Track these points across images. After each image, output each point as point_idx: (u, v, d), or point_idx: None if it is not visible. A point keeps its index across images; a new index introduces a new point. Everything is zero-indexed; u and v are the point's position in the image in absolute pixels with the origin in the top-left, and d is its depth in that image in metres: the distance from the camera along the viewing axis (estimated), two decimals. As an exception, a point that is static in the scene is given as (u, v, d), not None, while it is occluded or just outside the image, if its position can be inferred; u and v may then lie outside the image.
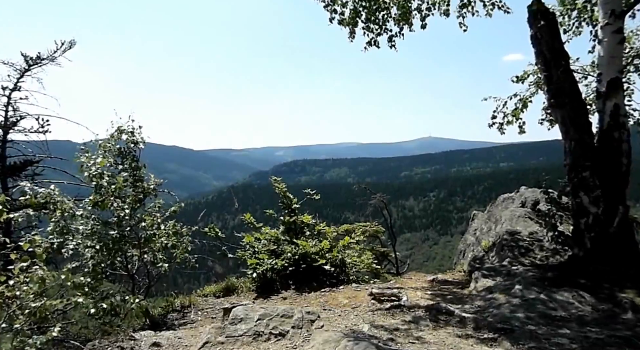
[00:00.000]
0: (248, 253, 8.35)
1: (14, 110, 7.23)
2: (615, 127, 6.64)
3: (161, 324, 6.32)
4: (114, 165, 7.14)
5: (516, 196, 10.46)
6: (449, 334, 5.09)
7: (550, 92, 6.95)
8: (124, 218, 6.69)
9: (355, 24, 9.33)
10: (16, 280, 4.05)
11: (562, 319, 5.34)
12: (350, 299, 6.86)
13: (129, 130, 7.38)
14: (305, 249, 8.18)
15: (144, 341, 5.20)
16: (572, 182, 6.83)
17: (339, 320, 5.77)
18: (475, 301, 6.40)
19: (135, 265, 7.41)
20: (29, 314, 4.01)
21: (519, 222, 8.88)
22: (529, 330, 4.94)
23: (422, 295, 7.04)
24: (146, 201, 7.34)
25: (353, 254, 9.00)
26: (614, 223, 6.46)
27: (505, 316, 5.44)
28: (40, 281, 4.06)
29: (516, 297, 5.99)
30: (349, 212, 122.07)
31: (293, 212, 9.24)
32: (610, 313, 5.48)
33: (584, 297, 5.78)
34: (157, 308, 7.05)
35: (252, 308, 5.57)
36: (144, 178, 7.32)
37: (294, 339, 4.97)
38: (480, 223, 10.74)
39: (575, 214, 6.87)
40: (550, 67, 6.84)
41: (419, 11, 9.28)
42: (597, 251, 6.48)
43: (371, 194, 19.11)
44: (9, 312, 3.96)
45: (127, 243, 6.77)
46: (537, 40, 6.95)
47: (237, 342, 4.95)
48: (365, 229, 15.51)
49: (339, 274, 8.28)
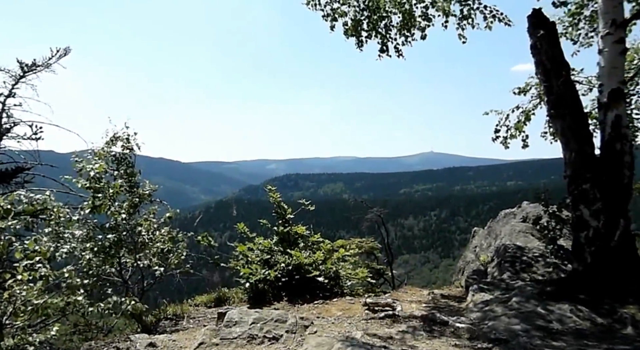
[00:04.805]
0: (241, 263, 8.60)
1: (7, 117, 7.53)
2: (617, 139, 6.72)
3: (153, 331, 6.60)
4: (110, 172, 7.57)
5: (518, 211, 10.60)
6: (443, 343, 5.29)
7: (551, 103, 7.10)
8: (121, 222, 7.07)
9: (360, 34, 9.58)
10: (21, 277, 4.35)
11: (559, 332, 5.48)
12: (344, 311, 7.08)
13: (124, 137, 7.85)
14: (298, 259, 8.40)
15: (139, 342, 5.47)
16: (572, 194, 6.90)
17: (332, 328, 6.04)
18: (471, 313, 6.58)
19: (129, 271, 7.75)
20: (31, 311, 4.31)
21: (520, 237, 9.03)
22: (524, 341, 5.15)
23: (417, 307, 7.25)
24: (140, 208, 7.74)
25: (347, 266, 9.24)
26: (615, 237, 6.48)
27: (500, 327, 5.64)
28: (44, 279, 4.37)
29: (513, 309, 6.14)
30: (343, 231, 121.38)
31: (287, 223, 9.49)
32: (610, 328, 5.57)
33: (583, 311, 5.86)
34: (148, 316, 7.34)
35: (247, 312, 5.84)
36: (139, 184, 7.75)
37: (287, 342, 5.24)
38: (480, 239, 10.92)
39: (575, 227, 6.92)
40: (551, 77, 7.00)
41: (423, 18, 9.43)
42: (597, 266, 6.51)
43: (368, 209, 19.29)
44: (15, 307, 4.24)
45: (123, 247, 7.13)
46: (537, 49, 7.13)
47: (231, 344, 5.21)
48: (360, 245, 15.69)
49: (333, 286, 8.50)
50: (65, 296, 4.88)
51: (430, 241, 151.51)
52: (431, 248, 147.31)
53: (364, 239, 16.24)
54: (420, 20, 9.45)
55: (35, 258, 4.54)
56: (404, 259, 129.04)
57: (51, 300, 4.50)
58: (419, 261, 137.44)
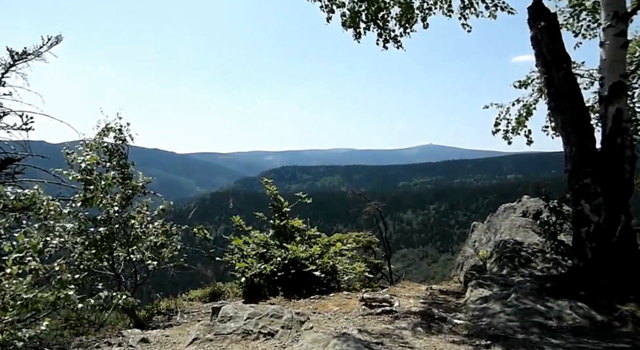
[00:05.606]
0: (236, 257, 8.61)
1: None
2: (617, 133, 6.76)
3: (146, 326, 6.61)
4: (102, 163, 7.56)
5: (518, 206, 10.56)
6: (440, 340, 5.33)
7: (551, 96, 7.11)
8: (113, 215, 7.07)
9: (358, 26, 9.58)
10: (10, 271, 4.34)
11: (558, 329, 5.53)
12: (340, 307, 7.11)
13: (116, 127, 7.82)
14: (295, 253, 8.42)
15: (131, 338, 5.49)
16: (572, 189, 6.93)
17: (329, 323, 6.07)
18: (469, 310, 6.63)
19: (121, 265, 7.75)
20: (21, 305, 4.30)
21: (519, 232, 9.02)
22: (523, 338, 5.19)
23: (414, 303, 7.27)
24: (134, 200, 7.73)
25: (345, 261, 9.25)
26: (616, 232, 6.52)
27: (499, 324, 5.68)
28: (34, 272, 4.37)
29: (511, 306, 6.18)
30: (340, 224, 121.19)
31: (283, 216, 9.50)
32: (609, 325, 5.60)
33: (582, 308, 5.89)
34: (141, 310, 7.36)
35: (242, 307, 5.87)
36: (132, 176, 7.73)
37: (282, 338, 5.27)
38: (479, 234, 10.91)
39: (575, 222, 6.95)
40: (551, 70, 7.03)
41: (421, 10, 9.48)
42: (598, 262, 6.55)
43: (366, 202, 19.27)
44: (3, 302, 4.24)
45: (115, 241, 7.12)
46: (537, 41, 7.16)
47: (225, 340, 5.24)
48: (358, 239, 15.68)
49: (330, 281, 8.53)
50: (56, 290, 4.87)
51: (428, 235, 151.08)
52: (430, 242, 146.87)
53: (361, 233, 16.20)
54: (418, 12, 9.46)
55: (25, 251, 4.53)
56: (402, 253, 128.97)
57: (41, 295, 4.49)
58: (417, 255, 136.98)
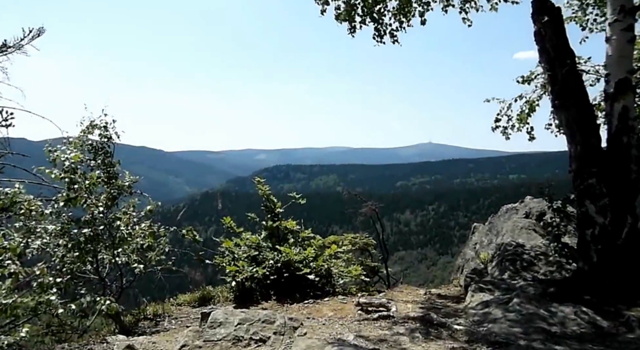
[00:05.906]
0: (227, 259, 8.56)
1: (-25, 102, 7.42)
2: (623, 131, 6.71)
3: (132, 332, 6.56)
4: (87, 162, 7.49)
5: (520, 206, 10.51)
6: (439, 346, 5.29)
7: (555, 93, 7.07)
8: (98, 216, 7.00)
9: (353, 20, 9.54)
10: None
11: (562, 335, 5.49)
12: (335, 312, 7.09)
13: (101, 125, 7.76)
14: (288, 256, 8.39)
15: (116, 344, 5.44)
16: (577, 189, 6.87)
17: (323, 329, 6.04)
18: (469, 315, 6.59)
19: (106, 268, 7.68)
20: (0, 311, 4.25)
21: (522, 233, 8.97)
22: (525, 345, 5.16)
23: (413, 308, 7.26)
24: (119, 201, 7.67)
25: (340, 263, 9.22)
26: (622, 234, 6.47)
27: (500, 330, 5.64)
28: (13, 276, 4.31)
29: (513, 311, 6.14)
30: (336, 225, 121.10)
31: (276, 217, 9.46)
32: (615, 331, 5.57)
33: (587, 313, 5.87)
34: (127, 316, 7.30)
35: (232, 312, 5.81)
36: (118, 175, 7.66)
37: (275, 345, 5.23)
38: (480, 236, 10.88)
39: (580, 224, 6.89)
40: (555, 66, 6.97)
41: (420, 3, 9.47)
42: (603, 265, 6.50)
43: (362, 202, 19.23)
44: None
45: (100, 243, 7.06)
46: (541, 36, 7.09)
47: (215, 347, 5.19)
48: (354, 241, 15.67)
49: (325, 284, 8.51)
50: (37, 295, 4.82)
51: (427, 237, 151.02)
52: (429, 244, 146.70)
53: (357, 235, 16.17)
54: (416, 6, 9.42)
55: (5, 254, 4.47)
56: (400, 255, 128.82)
57: (21, 300, 4.44)
58: (415, 258, 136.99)
